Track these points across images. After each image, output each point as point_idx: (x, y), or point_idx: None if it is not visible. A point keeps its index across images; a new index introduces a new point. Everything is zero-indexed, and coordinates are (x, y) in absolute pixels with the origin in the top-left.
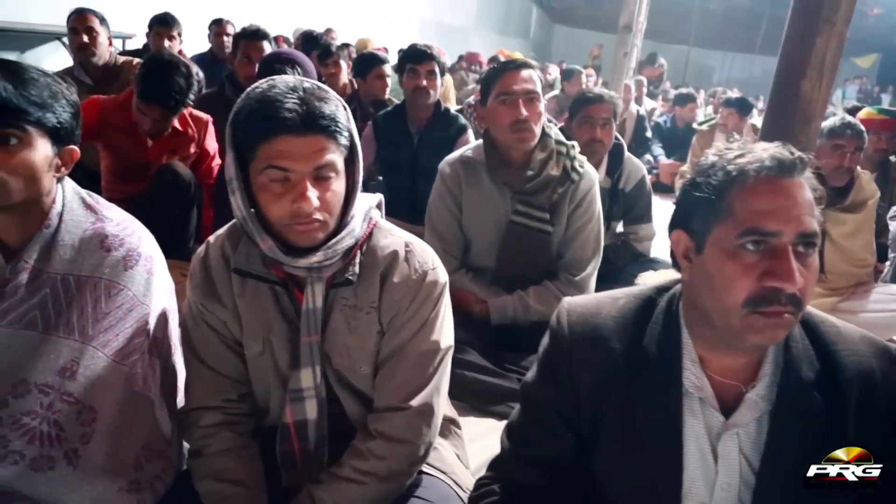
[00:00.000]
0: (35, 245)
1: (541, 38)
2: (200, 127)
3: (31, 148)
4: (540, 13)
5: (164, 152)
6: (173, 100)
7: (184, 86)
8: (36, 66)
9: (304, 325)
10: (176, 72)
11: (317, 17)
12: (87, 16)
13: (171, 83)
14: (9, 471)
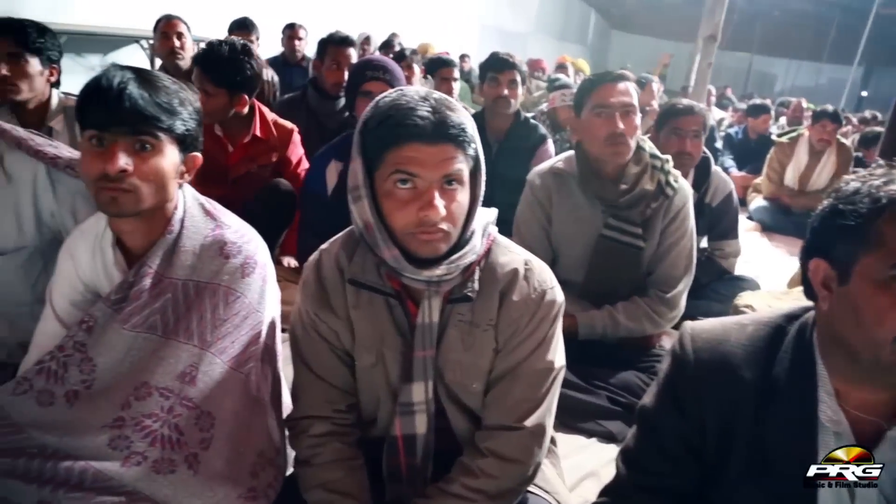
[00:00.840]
0: (158, 251)
1: (598, 45)
2: (284, 135)
3: (162, 154)
4: (598, 19)
5: (244, 158)
6: (223, 73)
7: (239, 64)
8: (166, 75)
9: (418, 339)
10: (232, 49)
11: (380, 21)
12: (175, 22)
13: (225, 58)
14: (132, 471)
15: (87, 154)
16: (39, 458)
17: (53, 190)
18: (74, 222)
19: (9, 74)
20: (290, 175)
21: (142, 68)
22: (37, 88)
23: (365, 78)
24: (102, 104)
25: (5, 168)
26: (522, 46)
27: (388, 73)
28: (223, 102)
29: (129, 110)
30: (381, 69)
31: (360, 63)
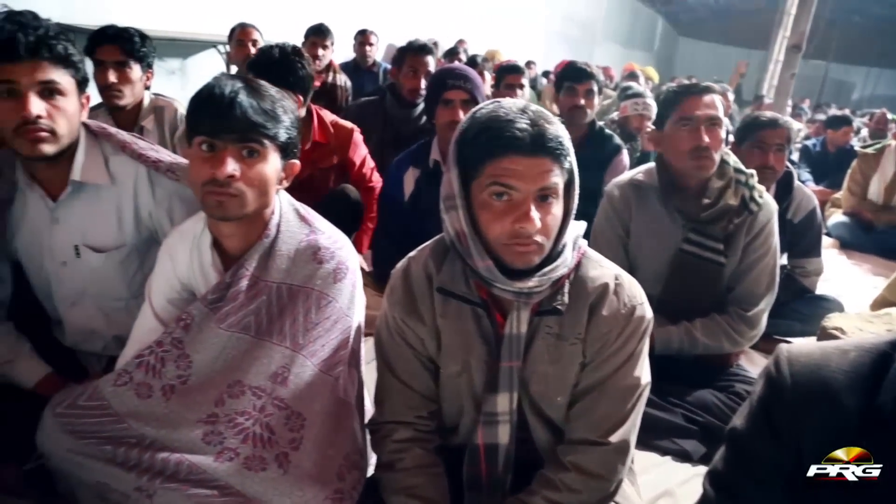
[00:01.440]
0: (255, 254)
1: (665, 52)
2: (344, 136)
3: (266, 161)
4: (665, 26)
5: (305, 163)
6: (276, 75)
7: (291, 65)
8: (270, 85)
9: (505, 349)
10: (283, 52)
11: (448, 28)
12: (249, 30)
13: (276, 60)
14: (224, 466)
15: (196, 159)
16: (138, 447)
17: (152, 191)
18: (170, 222)
19: (115, 81)
20: (357, 176)
21: (249, 78)
22: (136, 93)
23: (446, 86)
24: (214, 112)
25: (110, 170)
26: (588, 53)
27: (469, 83)
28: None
29: (239, 118)
30: (462, 78)
31: (442, 71)
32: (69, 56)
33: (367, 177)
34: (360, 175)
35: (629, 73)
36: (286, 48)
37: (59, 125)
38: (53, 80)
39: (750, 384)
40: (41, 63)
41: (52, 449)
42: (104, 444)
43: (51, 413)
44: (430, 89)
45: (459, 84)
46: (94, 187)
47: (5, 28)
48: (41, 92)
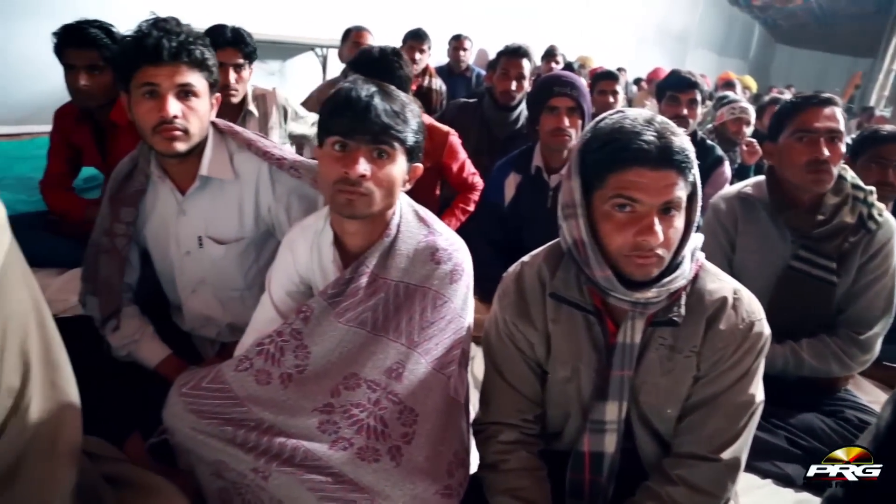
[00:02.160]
0: (375, 252)
1: (761, 59)
2: (438, 139)
3: (395, 163)
4: (762, 32)
5: None
6: (376, 73)
7: (390, 64)
8: (398, 90)
9: (617, 358)
10: (382, 52)
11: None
12: (364, 33)
13: (377, 59)
14: (339, 455)
15: (328, 158)
16: (257, 430)
17: (273, 188)
18: (287, 218)
19: (233, 82)
20: (457, 181)
21: (381, 82)
22: (245, 89)
23: (552, 93)
24: (350, 114)
25: (234, 166)
26: (680, 60)
27: (575, 90)
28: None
29: (373, 121)
30: (568, 85)
31: (548, 78)
32: (205, 60)
33: (467, 182)
34: (461, 180)
35: (725, 83)
36: (386, 49)
37: (192, 125)
38: (190, 83)
39: (862, 411)
40: (180, 67)
41: (176, 426)
42: (225, 425)
43: (177, 393)
44: (534, 95)
45: (566, 91)
46: (219, 182)
47: (152, 34)
48: (178, 94)
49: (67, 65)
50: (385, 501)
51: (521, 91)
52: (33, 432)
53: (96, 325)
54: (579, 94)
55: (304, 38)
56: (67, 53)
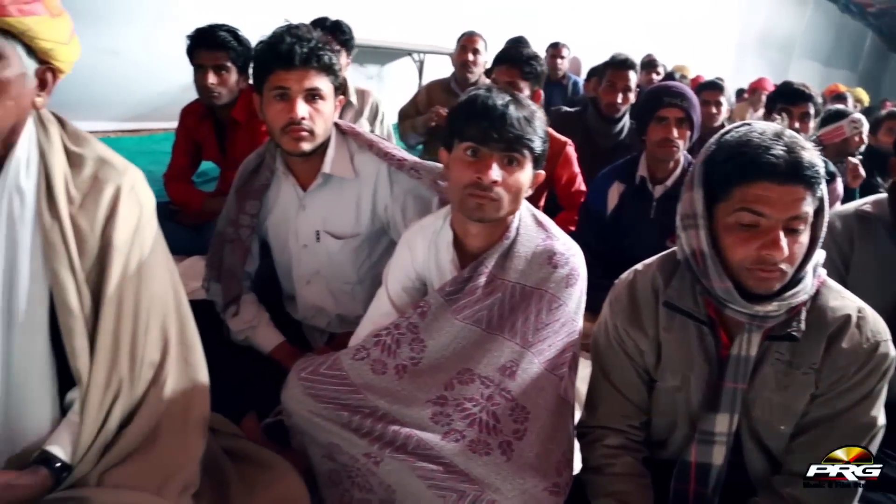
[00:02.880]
0: (494, 253)
1: (872, 70)
2: (555, 148)
3: (523, 170)
4: (874, 41)
5: None
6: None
7: (538, 58)
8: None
9: (730, 370)
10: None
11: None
12: (475, 38)
13: (531, 54)
14: (451, 446)
15: (460, 163)
16: (371, 417)
17: (391, 188)
18: (402, 217)
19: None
20: (563, 192)
21: (516, 94)
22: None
23: (661, 103)
24: (485, 121)
25: (354, 165)
26: (783, 71)
27: (685, 101)
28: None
29: (508, 129)
30: (679, 96)
31: (658, 88)
32: (332, 65)
33: (574, 197)
34: (568, 193)
35: (836, 95)
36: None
37: (318, 126)
38: (318, 87)
39: None
40: (309, 71)
41: (294, 408)
42: (341, 410)
43: (296, 377)
44: (643, 105)
45: (676, 102)
46: (339, 180)
47: (286, 40)
48: (306, 97)
49: (197, 65)
50: (494, 494)
51: (626, 103)
52: (168, 403)
53: (217, 310)
54: (689, 106)
55: (402, 44)
56: (198, 54)
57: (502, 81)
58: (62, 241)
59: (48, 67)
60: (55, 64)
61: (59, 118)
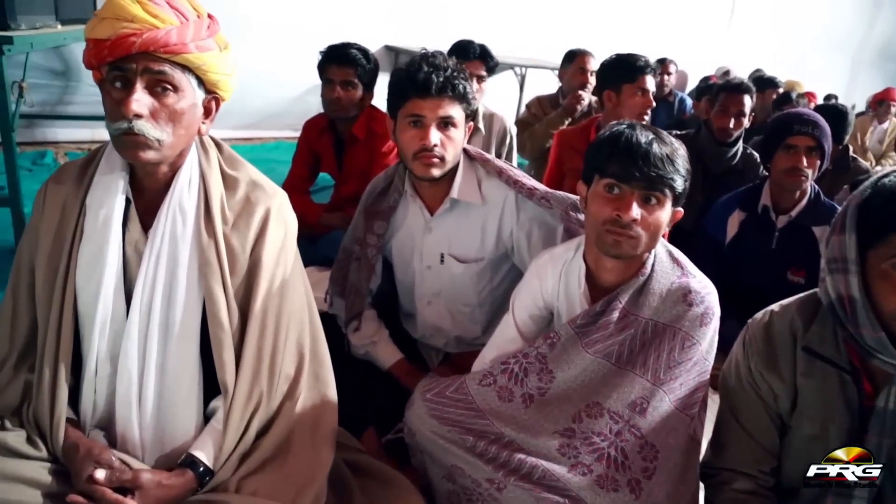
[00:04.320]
0: (629, 289)
1: None
2: None
3: (663, 209)
4: None
5: None
6: None
7: None
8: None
9: (875, 423)
10: None
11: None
12: (588, 57)
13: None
14: (577, 479)
15: (599, 198)
16: (497, 444)
17: (517, 215)
18: (528, 244)
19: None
20: None
21: (655, 128)
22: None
23: (791, 131)
24: (628, 159)
25: (482, 191)
26: None
27: (817, 129)
28: None
29: (650, 168)
30: (810, 124)
31: (788, 115)
32: (466, 94)
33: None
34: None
35: None
36: None
37: (449, 153)
38: (451, 116)
39: None
40: (444, 100)
41: (418, 427)
42: (466, 434)
43: (420, 397)
44: (771, 131)
45: (807, 130)
46: (466, 205)
47: (423, 69)
48: (439, 124)
49: (327, 79)
50: None
51: (739, 128)
52: (300, 416)
53: (339, 324)
54: (821, 134)
55: (505, 58)
56: (328, 69)
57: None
58: (216, 258)
59: (214, 97)
60: (219, 94)
61: (218, 143)
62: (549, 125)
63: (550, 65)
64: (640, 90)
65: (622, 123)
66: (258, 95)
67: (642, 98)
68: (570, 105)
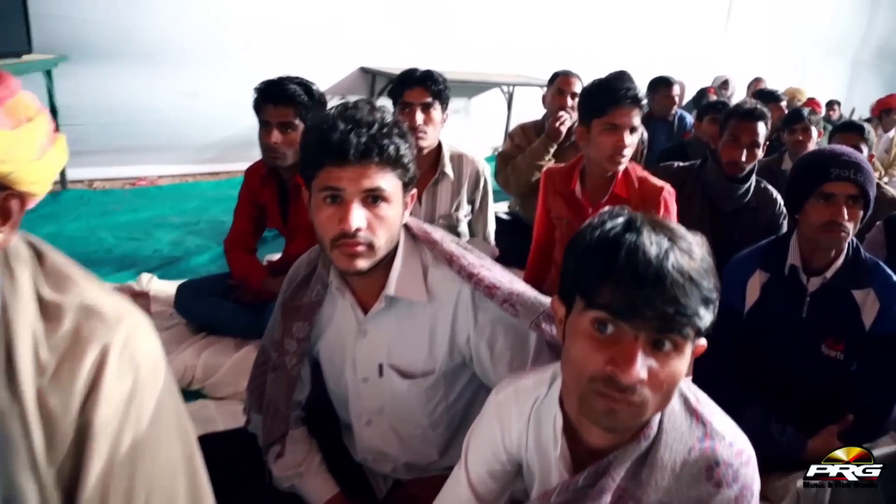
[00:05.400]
0: (626, 459)
1: None
2: (649, 195)
3: (683, 356)
4: None
5: None
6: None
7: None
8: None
9: None
10: None
11: (740, 65)
12: (573, 79)
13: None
14: None
15: (586, 339)
16: None
17: (475, 316)
18: (490, 354)
19: (421, 123)
20: None
21: (668, 225)
22: (437, 134)
23: (828, 176)
24: (631, 285)
25: (428, 283)
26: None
27: (860, 173)
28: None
29: (666, 301)
30: (852, 167)
31: (822, 155)
32: (400, 157)
33: None
34: None
35: None
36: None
37: (379, 237)
38: (379, 188)
39: None
40: (369, 167)
41: None
42: None
43: None
44: (801, 176)
45: (848, 175)
46: (409, 303)
47: (338, 127)
48: (365, 199)
49: (263, 121)
50: None
51: (752, 161)
52: None
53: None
54: (865, 179)
55: (491, 76)
56: (264, 109)
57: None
58: (22, 431)
59: (9, 194)
60: (19, 189)
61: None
62: (533, 156)
63: (540, 82)
64: (609, 125)
65: (615, 215)
66: (222, 127)
67: (612, 136)
68: (551, 130)
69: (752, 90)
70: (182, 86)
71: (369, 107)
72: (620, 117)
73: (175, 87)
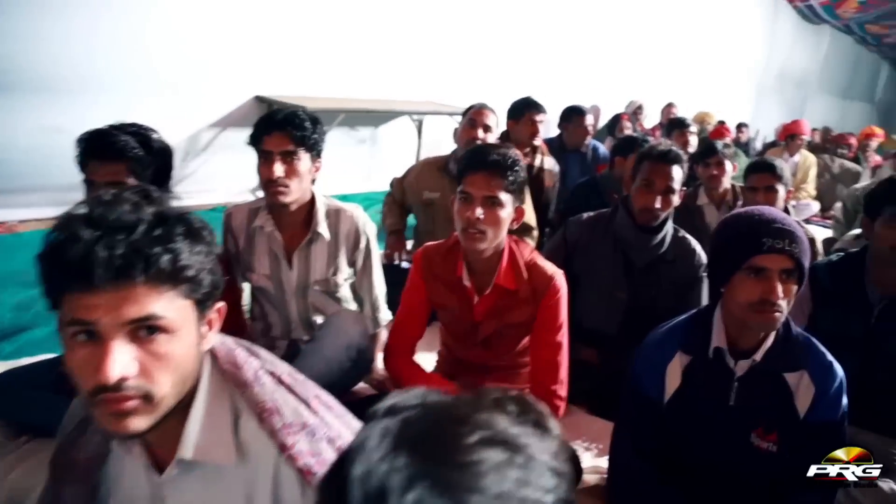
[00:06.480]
0: None
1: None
2: (540, 283)
3: None
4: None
5: (489, 312)
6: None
7: (515, 165)
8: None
9: None
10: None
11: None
12: (486, 112)
13: (511, 161)
14: None
15: None
16: None
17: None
18: None
19: (282, 175)
20: (539, 345)
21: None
22: (304, 188)
23: (759, 248)
24: None
25: (239, 439)
26: (800, 108)
27: (794, 244)
28: (511, 214)
29: None
30: (786, 236)
31: (751, 220)
32: (181, 269)
33: (551, 365)
34: (551, 345)
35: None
36: (506, 152)
37: (159, 384)
38: (152, 315)
39: None
40: (133, 290)
41: None
42: None
43: None
44: (725, 245)
45: (782, 247)
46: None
47: (81, 237)
48: (133, 333)
49: (88, 181)
50: None
51: (667, 208)
52: None
53: None
54: (801, 251)
55: (399, 104)
56: (89, 166)
57: (477, 193)
58: None
59: None
60: None
61: None
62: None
63: (452, 109)
64: (464, 195)
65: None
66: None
67: (467, 208)
68: (385, 257)
69: (666, 115)
70: (45, 119)
71: (138, 196)
72: (473, 185)
73: (37, 120)
